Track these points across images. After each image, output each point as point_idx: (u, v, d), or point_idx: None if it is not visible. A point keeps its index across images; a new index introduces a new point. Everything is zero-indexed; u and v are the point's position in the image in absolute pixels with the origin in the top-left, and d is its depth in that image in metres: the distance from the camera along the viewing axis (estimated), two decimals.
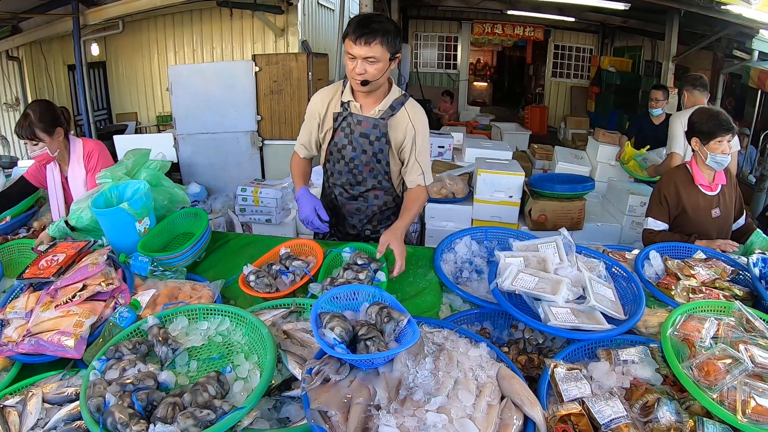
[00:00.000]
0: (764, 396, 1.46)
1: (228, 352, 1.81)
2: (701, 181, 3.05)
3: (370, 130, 2.70)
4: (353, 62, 2.47)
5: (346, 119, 2.72)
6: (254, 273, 2.30)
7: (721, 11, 6.32)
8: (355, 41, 2.41)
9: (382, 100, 2.69)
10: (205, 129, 7.41)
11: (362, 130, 2.71)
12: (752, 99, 8.26)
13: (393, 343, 1.65)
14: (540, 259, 2.18)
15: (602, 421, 1.46)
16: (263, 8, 8.73)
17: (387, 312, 1.69)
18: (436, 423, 1.36)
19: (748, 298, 2.21)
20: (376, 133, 2.70)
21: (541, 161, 7.73)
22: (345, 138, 2.76)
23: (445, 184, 5.11)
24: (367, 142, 2.73)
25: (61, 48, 9.22)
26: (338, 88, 2.77)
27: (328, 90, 2.82)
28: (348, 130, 2.74)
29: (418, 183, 2.79)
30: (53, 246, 2.44)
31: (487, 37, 14.02)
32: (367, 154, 2.76)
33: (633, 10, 9.14)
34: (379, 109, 2.68)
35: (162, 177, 2.89)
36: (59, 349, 1.82)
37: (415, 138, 2.74)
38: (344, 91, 2.73)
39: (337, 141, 2.79)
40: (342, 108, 2.73)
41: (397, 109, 2.70)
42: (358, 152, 2.76)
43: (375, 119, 2.68)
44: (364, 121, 2.69)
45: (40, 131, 2.86)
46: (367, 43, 2.40)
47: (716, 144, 2.94)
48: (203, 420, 1.42)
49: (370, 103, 2.70)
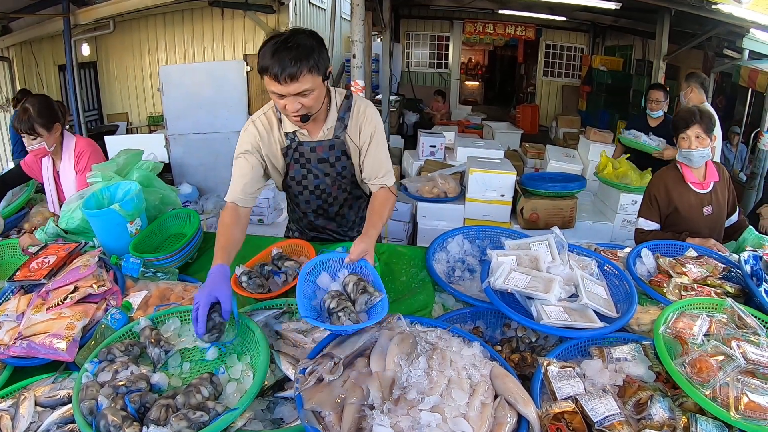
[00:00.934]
0: (757, 392, 1.47)
1: (220, 354, 1.80)
2: (691, 179, 3.06)
3: (327, 153, 2.46)
4: (283, 100, 2.09)
5: (297, 150, 2.43)
6: (246, 274, 2.29)
7: (712, 10, 6.35)
8: (278, 79, 2.00)
9: (327, 117, 2.38)
10: (197, 129, 7.38)
11: (319, 156, 2.45)
12: (743, 98, 8.32)
13: (364, 315, 1.77)
14: (532, 257, 2.18)
15: (596, 419, 1.47)
16: (255, 8, 8.73)
17: (363, 285, 1.75)
18: (430, 422, 1.36)
19: (740, 295, 2.22)
20: (335, 154, 2.46)
21: (532, 160, 7.78)
22: (302, 168, 2.49)
23: (436, 183, 5.13)
24: (327, 166, 2.49)
25: (52, 48, 9.18)
26: (272, 118, 2.42)
27: (260, 122, 2.42)
28: (303, 160, 2.46)
29: (382, 185, 2.47)
30: (44, 248, 2.42)
31: (478, 36, 14.06)
32: (330, 176, 2.53)
33: (624, 10, 9.17)
34: (329, 127, 2.40)
35: (154, 178, 2.88)
36: (51, 352, 1.80)
37: (371, 143, 2.44)
38: (282, 120, 2.39)
39: (293, 174, 2.52)
40: (288, 140, 2.41)
41: (345, 118, 2.41)
42: (321, 178, 2.53)
43: (330, 140, 2.43)
44: (319, 146, 2.43)
45: (39, 126, 2.89)
46: (293, 77, 2.00)
47: (681, 140, 3.01)
48: (196, 421, 1.41)
49: (316, 127, 2.40)
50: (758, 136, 6.81)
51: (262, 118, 2.42)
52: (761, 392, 1.47)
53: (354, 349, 1.62)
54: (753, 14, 5.53)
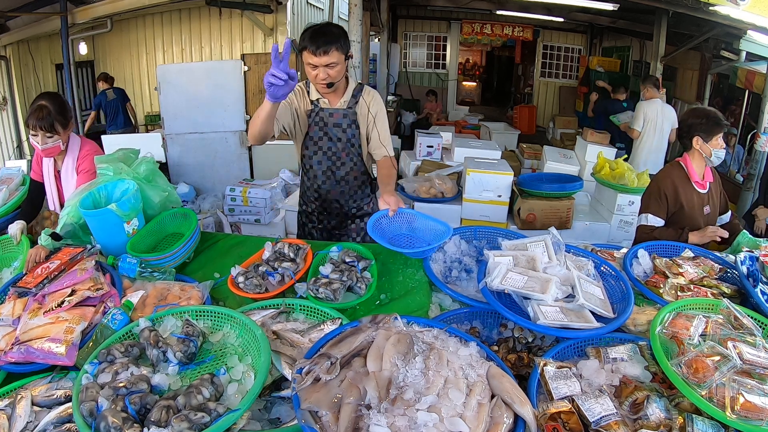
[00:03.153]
0: (753, 392, 1.47)
1: (221, 354, 1.79)
2: (695, 179, 3.15)
3: (341, 120, 3.08)
4: (315, 70, 2.81)
5: (319, 114, 3.07)
6: (243, 274, 2.30)
7: (709, 12, 6.37)
8: (314, 53, 2.74)
9: (344, 93, 3.06)
10: (194, 129, 7.39)
11: (335, 121, 3.08)
12: (739, 99, 8.34)
13: None
14: (529, 258, 2.18)
15: (592, 419, 1.47)
16: (252, 7, 8.71)
17: None
18: (427, 422, 1.36)
19: (736, 296, 2.23)
20: (347, 122, 3.09)
21: (529, 161, 7.78)
22: (320, 131, 3.10)
23: (434, 183, 5.13)
24: (340, 131, 3.10)
25: (49, 47, 9.15)
26: (302, 89, 3.08)
27: (294, 90, 3.05)
28: (322, 123, 3.08)
29: (383, 154, 3.16)
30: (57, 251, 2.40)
31: (476, 36, 14.08)
32: (341, 141, 3.12)
33: (621, 11, 9.20)
34: (344, 100, 3.07)
35: (158, 173, 2.87)
36: (50, 357, 1.78)
37: (376, 118, 3.12)
38: (309, 91, 3.07)
39: (312, 135, 3.12)
40: (313, 105, 3.06)
41: (357, 97, 3.09)
42: (334, 141, 3.12)
43: (344, 110, 3.07)
44: (335, 113, 3.07)
45: (58, 124, 2.86)
46: (326, 52, 2.74)
47: (716, 140, 3.08)
48: (198, 423, 1.40)
49: (335, 97, 3.06)
50: (755, 138, 6.83)
51: (295, 89, 3.01)
52: (757, 392, 1.48)
53: (351, 348, 1.62)
54: (750, 16, 5.55)
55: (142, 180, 2.72)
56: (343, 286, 2.26)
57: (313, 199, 3.33)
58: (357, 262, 2.43)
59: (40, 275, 2.17)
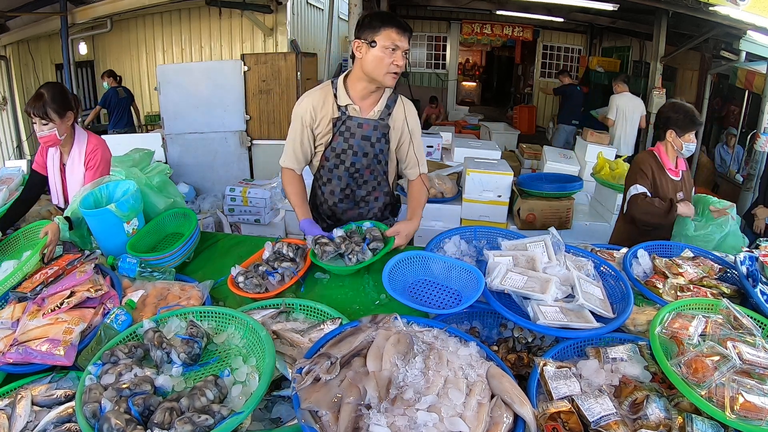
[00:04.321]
0: (752, 392, 1.47)
1: (226, 356, 1.78)
2: (669, 166, 3.38)
3: (371, 132, 2.70)
4: (394, 54, 2.46)
5: (345, 123, 2.67)
6: (243, 274, 2.30)
7: (709, 12, 6.38)
8: (403, 33, 2.44)
9: (380, 100, 2.70)
10: (194, 129, 7.39)
11: (364, 133, 2.69)
12: (739, 99, 8.34)
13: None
14: (529, 258, 2.18)
15: (592, 419, 1.47)
16: (252, 7, 8.72)
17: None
18: (427, 422, 1.36)
19: (736, 296, 2.23)
20: (377, 135, 2.71)
21: (529, 161, 7.80)
22: (345, 142, 2.71)
23: (434, 183, 5.13)
24: (368, 145, 2.72)
25: (49, 47, 9.16)
26: (327, 92, 2.69)
27: (316, 95, 2.72)
28: (348, 134, 2.69)
29: (419, 173, 2.91)
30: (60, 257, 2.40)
31: (476, 37, 14.10)
32: (368, 156, 2.75)
33: (621, 11, 9.21)
34: (377, 109, 2.69)
35: (170, 184, 2.90)
36: (49, 357, 1.78)
37: (413, 133, 2.81)
38: (337, 94, 2.67)
39: (335, 146, 2.72)
40: (340, 112, 2.67)
41: (391, 107, 2.72)
42: (359, 156, 2.74)
43: (375, 120, 2.68)
44: (365, 123, 2.68)
45: (52, 111, 2.85)
46: (408, 36, 2.47)
47: (690, 135, 3.31)
48: (201, 425, 1.38)
49: (368, 104, 2.69)
50: (755, 138, 6.84)
51: (317, 92, 2.73)
52: (757, 392, 1.47)
53: (351, 348, 1.62)
54: (750, 16, 5.56)
55: (153, 187, 2.74)
56: (335, 251, 2.40)
57: (326, 217, 3.00)
58: (371, 241, 2.48)
59: (37, 281, 2.17)
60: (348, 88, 2.66)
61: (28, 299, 2.09)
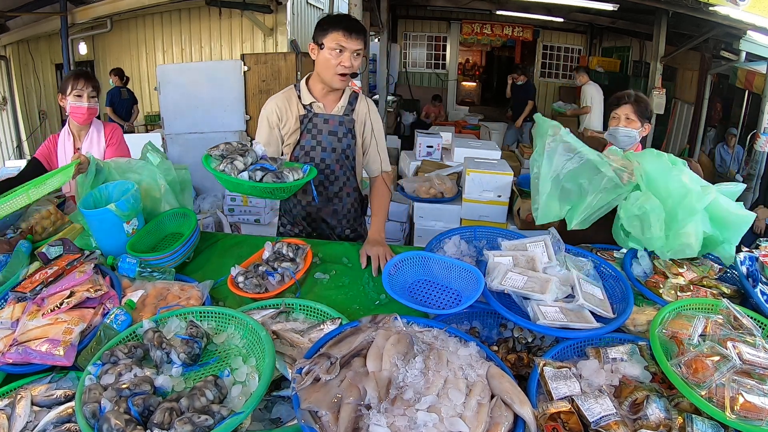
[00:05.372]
0: (752, 393, 1.47)
1: (225, 356, 1.78)
2: None
3: (337, 127, 2.81)
4: (341, 55, 2.57)
5: (312, 120, 2.79)
6: (242, 274, 2.30)
7: (709, 12, 6.38)
8: (348, 35, 2.52)
9: (341, 97, 2.82)
10: (194, 128, 7.39)
11: (330, 129, 2.80)
12: (739, 99, 8.34)
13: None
14: (529, 258, 2.18)
15: (592, 419, 1.47)
16: (252, 7, 8.72)
17: None
18: (427, 422, 1.36)
19: (736, 296, 2.22)
20: (343, 130, 2.82)
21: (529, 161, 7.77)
22: (312, 139, 2.81)
23: (433, 183, 5.13)
24: (335, 140, 2.82)
25: (49, 47, 9.17)
26: (291, 94, 2.81)
27: (280, 96, 2.83)
28: (315, 131, 2.80)
29: (381, 170, 3.00)
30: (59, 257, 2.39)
31: (476, 37, 14.11)
32: (336, 151, 2.84)
33: (621, 11, 9.21)
34: (341, 105, 2.81)
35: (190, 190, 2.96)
36: (48, 357, 1.77)
37: (373, 128, 2.92)
38: (302, 95, 2.79)
39: (304, 144, 2.82)
40: (305, 110, 2.79)
41: (354, 103, 2.86)
42: (328, 151, 2.83)
43: (341, 116, 2.80)
44: (331, 119, 2.79)
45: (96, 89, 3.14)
46: (358, 37, 2.55)
47: (611, 118, 3.14)
48: (201, 425, 1.38)
49: (331, 101, 2.81)
50: (755, 138, 6.84)
51: (281, 95, 2.83)
52: (757, 392, 1.48)
53: (351, 348, 1.62)
54: (750, 16, 5.56)
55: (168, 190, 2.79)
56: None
57: (301, 218, 3.04)
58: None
59: (37, 280, 2.17)
60: (310, 88, 2.79)
61: (27, 299, 2.09)
